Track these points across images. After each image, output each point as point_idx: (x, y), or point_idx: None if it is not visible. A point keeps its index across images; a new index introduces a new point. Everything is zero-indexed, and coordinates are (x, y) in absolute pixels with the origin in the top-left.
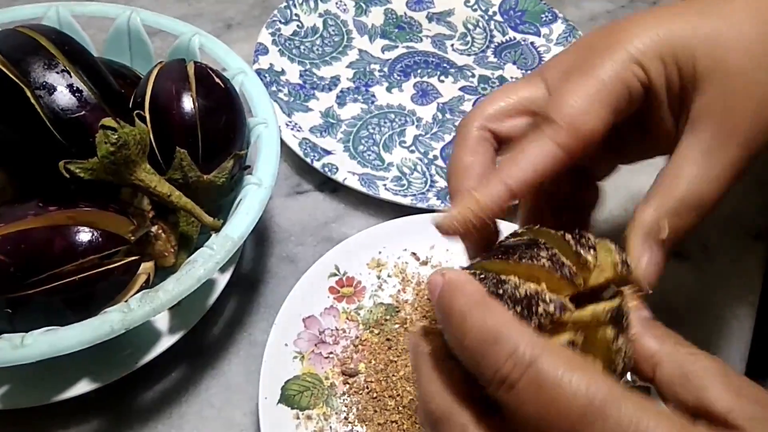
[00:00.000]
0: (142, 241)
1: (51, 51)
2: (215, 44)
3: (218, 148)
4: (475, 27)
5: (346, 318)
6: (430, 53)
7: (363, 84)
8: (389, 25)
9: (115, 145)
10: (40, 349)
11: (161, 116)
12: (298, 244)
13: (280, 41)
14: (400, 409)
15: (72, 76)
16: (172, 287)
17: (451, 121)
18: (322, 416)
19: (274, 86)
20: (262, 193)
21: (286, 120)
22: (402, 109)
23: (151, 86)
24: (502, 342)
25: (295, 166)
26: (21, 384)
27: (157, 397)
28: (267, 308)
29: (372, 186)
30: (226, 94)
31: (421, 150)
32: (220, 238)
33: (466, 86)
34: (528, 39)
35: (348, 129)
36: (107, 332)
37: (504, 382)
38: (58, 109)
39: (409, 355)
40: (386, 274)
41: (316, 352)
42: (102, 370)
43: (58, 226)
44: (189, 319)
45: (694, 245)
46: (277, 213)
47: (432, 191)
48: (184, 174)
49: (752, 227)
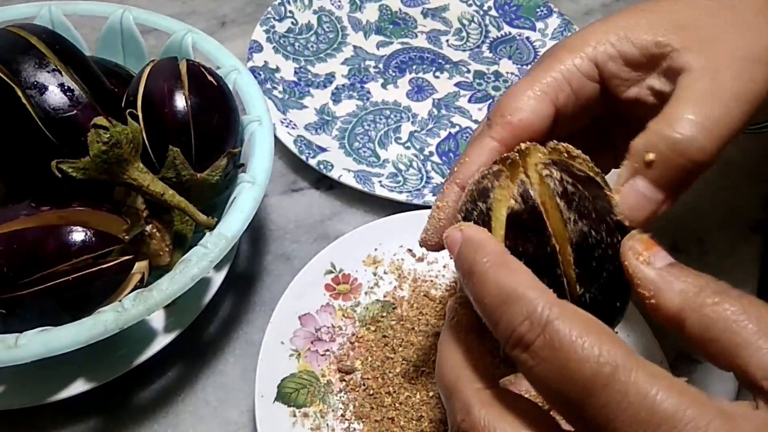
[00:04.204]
0: (137, 240)
1: (42, 50)
2: (208, 42)
3: (211, 147)
4: (470, 22)
5: (343, 315)
6: (425, 49)
7: (358, 80)
8: (384, 21)
9: (107, 144)
10: (34, 349)
11: (154, 115)
12: (294, 242)
13: (275, 38)
14: (396, 405)
15: (63, 75)
16: (166, 286)
17: (446, 117)
18: (318, 414)
19: (268, 83)
20: (256, 191)
21: (281, 117)
22: (397, 106)
23: (143, 85)
24: (520, 302)
25: (290, 163)
26: (16, 384)
27: (153, 397)
28: (263, 306)
29: (367, 183)
30: (219, 92)
31: (417, 146)
32: (214, 237)
33: (462, 82)
34: (523, 34)
35: (343, 126)
36: (101, 332)
37: (520, 341)
38: (50, 108)
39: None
40: (382, 270)
41: (312, 349)
42: (97, 369)
43: (50, 226)
44: (184, 317)
45: (690, 239)
46: (273, 211)
47: (428, 187)
48: (177, 172)
49: (748, 220)
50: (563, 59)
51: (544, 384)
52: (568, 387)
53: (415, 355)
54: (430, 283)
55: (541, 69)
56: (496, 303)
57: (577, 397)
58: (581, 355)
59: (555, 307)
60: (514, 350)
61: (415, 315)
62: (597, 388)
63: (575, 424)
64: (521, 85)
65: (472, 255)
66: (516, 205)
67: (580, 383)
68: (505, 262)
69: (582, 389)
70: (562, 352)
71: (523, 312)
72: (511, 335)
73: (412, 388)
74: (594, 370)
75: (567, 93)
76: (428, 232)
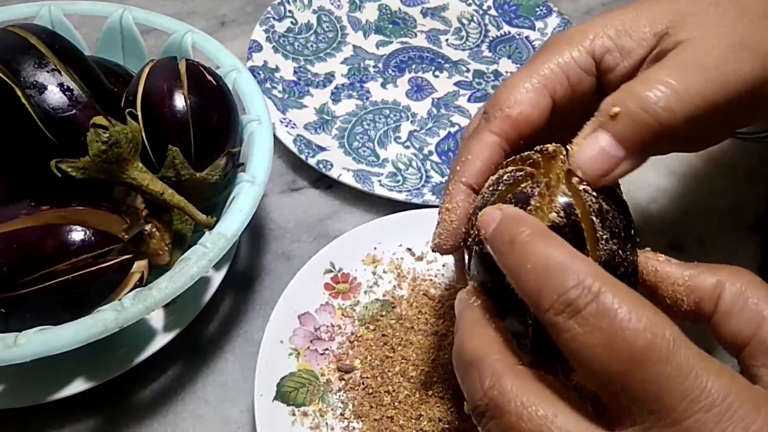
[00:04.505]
0: (136, 239)
1: (41, 50)
2: (208, 42)
3: (211, 146)
4: (469, 22)
5: (342, 314)
6: (424, 48)
7: (357, 80)
8: (383, 20)
9: (106, 143)
10: (33, 348)
11: (153, 114)
12: (294, 241)
13: (274, 38)
14: (396, 404)
15: (63, 75)
16: (165, 285)
17: (446, 116)
18: (318, 412)
19: (268, 83)
20: (256, 190)
21: (280, 117)
22: (397, 105)
23: (142, 84)
24: (570, 270)
25: (289, 163)
26: (15, 383)
27: (153, 396)
28: (262, 305)
29: (367, 182)
30: (219, 91)
31: (416, 145)
32: (214, 236)
33: (461, 81)
34: (523, 33)
35: (343, 125)
36: (101, 331)
37: (569, 306)
38: (49, 108)
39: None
40: (381, 270)
41: (311, 348)
42: (97, 368)
43: (50, 225)
44: (184, 317)
45: (690, 238)
46: (272, 210)
47: (427, 187)
48: (176, 172)
49: (747, 219)
50: (562, 51)
51: (588, 353)
52: (617, 357)
53: (415, 354)
54: (429, 282)
55: (539, 60)
56: (543, 269)
57: (624, 369)
58: (636, 326)
59: (607, 279)
60: (558, 316)
61: (414, 314)
62: (650, 361)
63: (615, 397)
64: (519, 76)
65: (515, 227)
66: (558, 218)
67: (631, 354)
68: (550, 234)
69: (632, 360)
70: (616, 321)
71: (574, 278)
72: (557, 299)
73: (412, 386)
74: (649, 342)
75: (564, 86)
76: (442, 236)
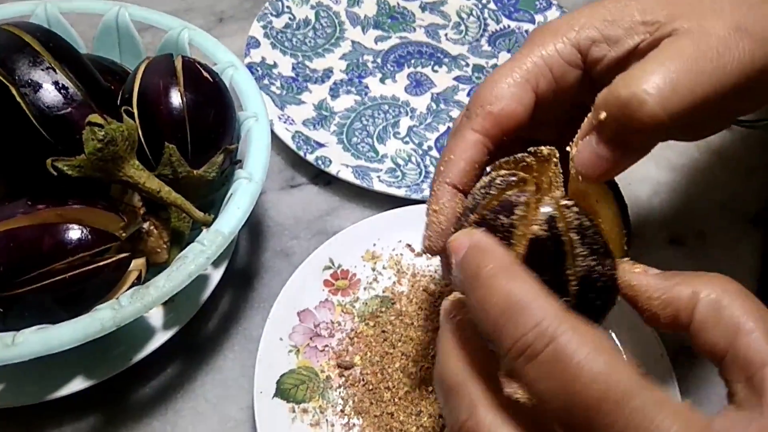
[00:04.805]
0: (134, 237)
1: (36, 48)
2: (205, 38)
3: (207, 143)
4: (468, 16)
5: (341, 311)
6: (423, 43)
7: (356, 75)
8: (382, 15)
9: (102, 141)
10: (31, 347)
11: (149, 112)
12: (293, 238)
13: (272, 34)
14: (396, 401)
15: (58, 73)
16: (162, 283)
17: (445, 111)
18: (318, 409)
19: (266, 79)
20: (253, 187)
21: (278, 113)
22: (396, 100)
23: (138, 82)
24: (528, 311)
25: (288, 159)
26: (14, 382)
27: (152, 394)
28: (261, 302)
29: (366, 178)
30: (215, 88)
31: (416, 141)
32: (211, 234)
33: (461, 76)
34: (522, 27)
35: (341, 121)
36: (98, 330)
37: (525, 351)
38: (44, 106)
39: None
40: (381, 266)
41: (311, 345)
42: (96, 367)
43: (47, 224)
44: (183, 314)
45: (690, 232)
46: (271, 207)
47: (426, 182)
48: (173, 169)
49: (748, 212)
50: (546, 44)
51: (546, 397)
52: (573, 403)
53: (414, 350)
54: (429, 278)
55: (523, 54)
56: (501, 309)
57: (582, 415)
58: (591, 374)
59: (565, 320)
60: (516, 360)
61: (414, 310)
62: (604, 409)
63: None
64: (500, 71)
65: (479, 259)
66: (540, 231)
67: (587, 402)
68: (515, 270)
69: (588, 408)
70: (571, 368)
71: (531, 321)
72: (514, 344)
73: (412, 382)
74: (603, 391)
75: (548, 79)
76: (431, 239)
